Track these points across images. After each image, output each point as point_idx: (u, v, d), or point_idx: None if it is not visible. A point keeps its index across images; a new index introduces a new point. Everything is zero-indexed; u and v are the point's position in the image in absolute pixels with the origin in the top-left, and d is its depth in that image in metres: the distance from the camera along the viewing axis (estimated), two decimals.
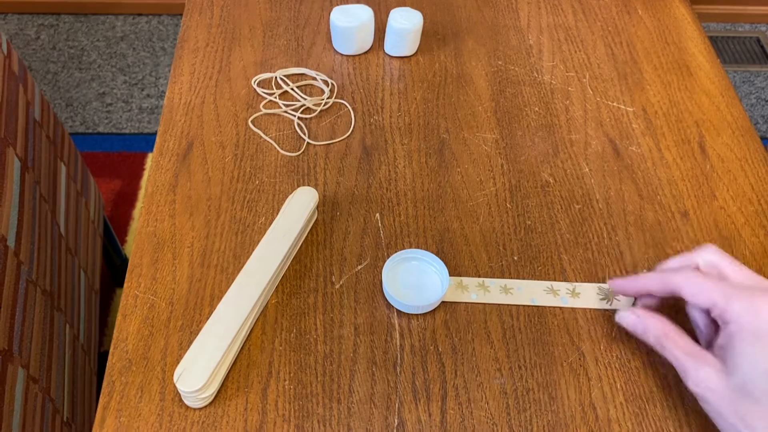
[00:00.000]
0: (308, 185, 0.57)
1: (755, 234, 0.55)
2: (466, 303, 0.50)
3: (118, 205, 1.46)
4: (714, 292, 0.40)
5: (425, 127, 0.62)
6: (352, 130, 0.62)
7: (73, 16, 1.93)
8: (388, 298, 0.49)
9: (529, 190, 0.57)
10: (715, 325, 0.43)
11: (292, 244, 0.50)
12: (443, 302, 0.50)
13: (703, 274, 0.42)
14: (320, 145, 0.60)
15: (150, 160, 1.54)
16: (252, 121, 0.62)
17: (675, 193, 0.58)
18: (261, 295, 0.47)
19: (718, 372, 0.39)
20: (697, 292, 0.41)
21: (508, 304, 0.50)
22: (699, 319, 0.44)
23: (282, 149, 0.60)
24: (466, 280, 0.51)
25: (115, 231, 1.36)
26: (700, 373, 0.40)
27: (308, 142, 0.60)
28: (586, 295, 0.50)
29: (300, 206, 0.52)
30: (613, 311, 0.50)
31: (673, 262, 0.46)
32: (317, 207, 0.54)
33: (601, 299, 0.50)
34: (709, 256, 0.44)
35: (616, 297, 0.50)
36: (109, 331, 1.26)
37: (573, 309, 0.50)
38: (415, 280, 0.50)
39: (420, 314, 0.49)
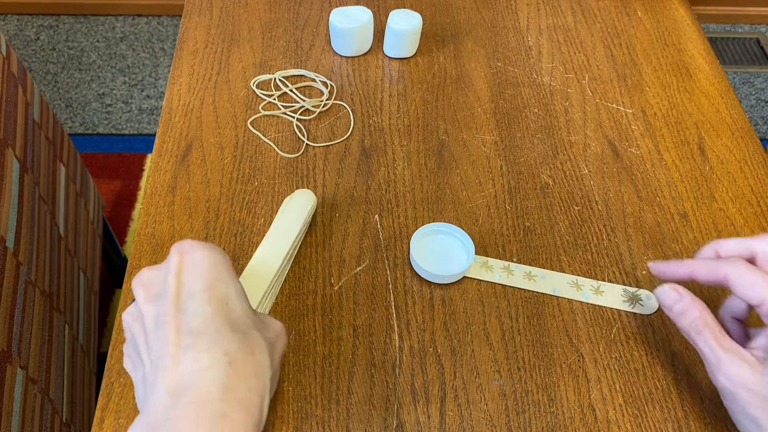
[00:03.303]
0: (307, 187, 0.57)
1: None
2: (465, 303, 0.50)
3: (117, 205, 1.46)
4: (766, 287, 0.38)
5: (424, 128, 0.62)
6: (351, 132, 0.62)
7: (72, 17, 1.93)
8: (414, 267, 0.51)
9: (529, 192, 0.57)
10: (745, 333, 0.43)
11: (291, 245, 0.50)
12: (443, 300, 0.50)
13: (754, 267, 0.40)
14: (319, 146, 0.60)
15: (149, 161, 1.54)
16: (251, 123, 0.62)
17: (674, 195, 0.58)
18: (262, 298, 0.47)
19: (755, 370, 0.38)
20: (747, 286, 0.39)
21: (528, 290, 0.51)
22: (731, 326, 0.44)
23: (281, 151, 0.60)
24: (491, 260, 0.52)
25: (115, 232, 1.36)
26: (735, 368, 0.38)
27: (307, 144, 0.60)
28: (610, 295, 0.51)
29: (298, 208, 0.52)
30: (615, 312, 0.50)
31: (730, 244, 0.43)
32: (315, 209, 0.54)
33: (624, 301, 0.50)
34: None
35: (640, 301, 0.50)
36: (108, 331, 1.26)
37: (572, 310, 0.50)
38: (442, 251, 0.52)
39: (419, 316, 0.49)
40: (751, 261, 0.42)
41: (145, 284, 0.36)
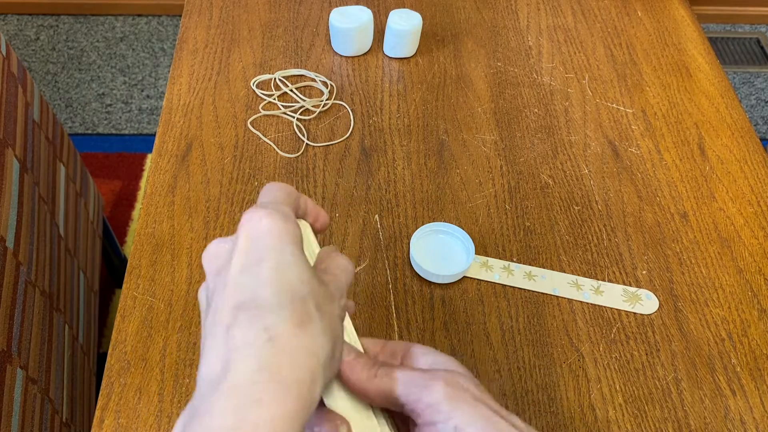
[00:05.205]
0: (307, 187, 0.57)
1: (755, 235, 0.55)
2: (465, 303, 0.50)
3: (117, 205, 1.46)
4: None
5: (424, 128, 0.62)
6: (351, 132, 0.62)
7: (72, 17, 1.93)
8: (414, 267, 0.51)
9: (529, 192, 0.57)
10: None
11: None
12: (443, 300, 0.50)
13: None
14: (319, 146, 0.60)
15: (149, 161, 1.54)
16: (251, 123, 0.62)
17: (674, 195, 0.58)
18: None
19: None
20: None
21: (528, 290, 0.51)
22: None
23: (281, 150, 0.60)
24: (492, 260, 0.52)
25: (115, 232, 1.36)
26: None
27: (307, 144, 0.60)
28: (610, 295, 0.51)
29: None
30: (615, 312, 0.50)
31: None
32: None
33: (624, 301, 0.50)
34: None
35: (640, 301, 0.50)
36: (108, 331, 1.26)
37: (572, 310, 0.50)
38: (442, 251, 0.52)
39: (419, 316, 0.49)
40: None
41: (208, 258, 0.34)
